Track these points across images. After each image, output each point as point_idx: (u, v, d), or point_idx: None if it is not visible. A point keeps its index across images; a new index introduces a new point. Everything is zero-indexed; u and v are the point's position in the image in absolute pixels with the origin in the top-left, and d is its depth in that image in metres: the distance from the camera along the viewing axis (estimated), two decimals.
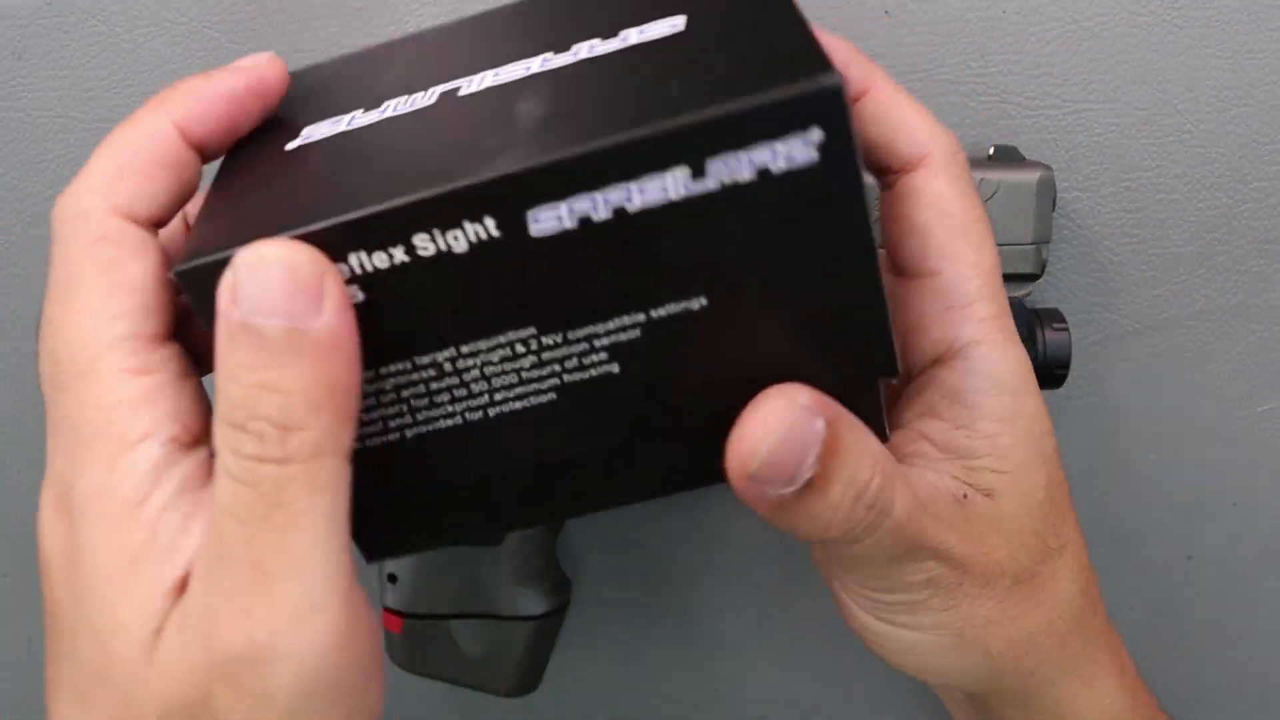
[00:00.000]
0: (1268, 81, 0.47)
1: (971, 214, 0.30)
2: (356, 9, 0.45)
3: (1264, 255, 0.49)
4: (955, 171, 0.30)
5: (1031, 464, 0.31)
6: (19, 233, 0.46)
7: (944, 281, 0.30)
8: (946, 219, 0.30)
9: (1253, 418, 0.51)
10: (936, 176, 0.30)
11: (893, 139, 0.31)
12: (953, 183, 0.30)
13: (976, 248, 0.30)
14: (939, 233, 0.30)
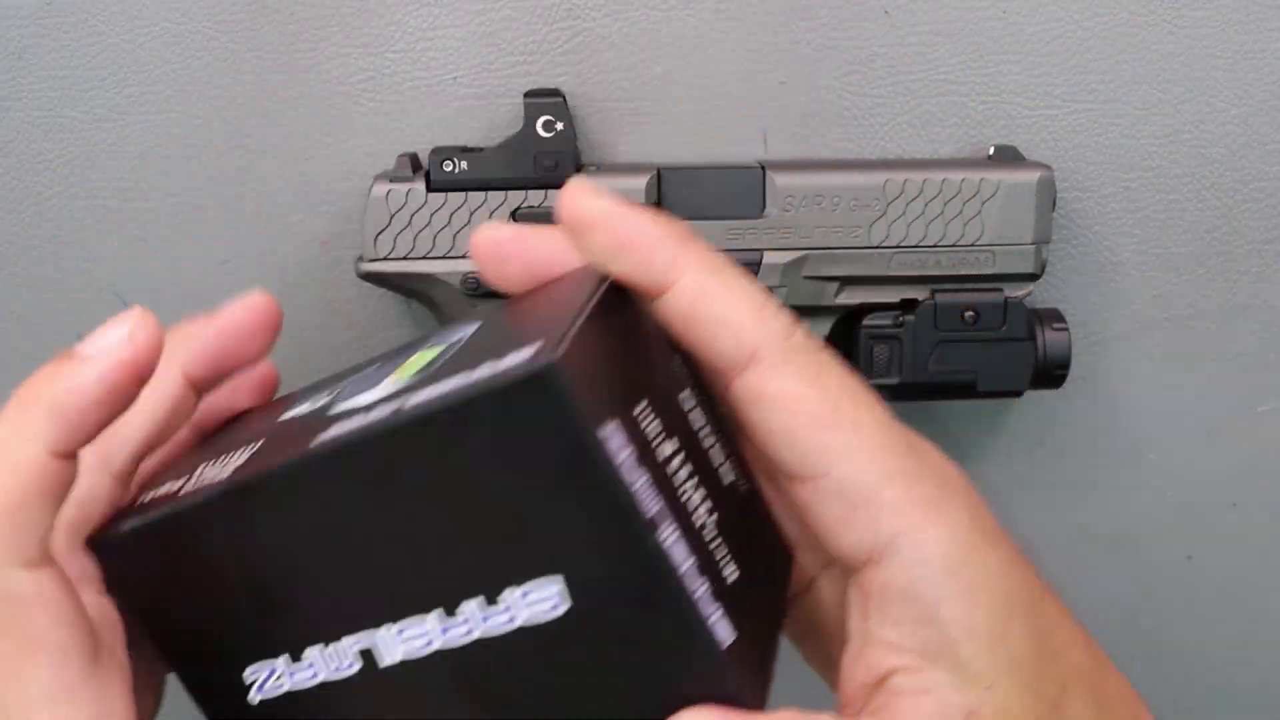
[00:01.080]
0: (1268, 81, 0.47)
1: (832, 397, 0.26)
2: (356, 10, 0.45)
3: (1264, 255, 0.49)
4: (796, 359, 0.26)
5: (1010, 632, 0.27)
6: (19, 233, 0.47)
7: (836, 481, 0.26)
8: (806, 418, 0.26)
9: (1253, 418, 0.51)
10: (775, 375, 0.26)
11: (711, 340, 0.26)
12: (797, 374, 0.26)
13: (853, 430, 0.26)
14: (805, 435, 0.26)
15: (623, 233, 0.27)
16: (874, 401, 0.27)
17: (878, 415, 0.27)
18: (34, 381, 0.28)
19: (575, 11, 0.45)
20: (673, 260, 0.27)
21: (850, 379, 0.27)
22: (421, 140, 0.46)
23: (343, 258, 0.47)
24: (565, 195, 0.27)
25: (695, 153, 0.46)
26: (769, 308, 0.27)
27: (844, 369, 0.27)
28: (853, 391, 0.27)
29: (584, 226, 0.27)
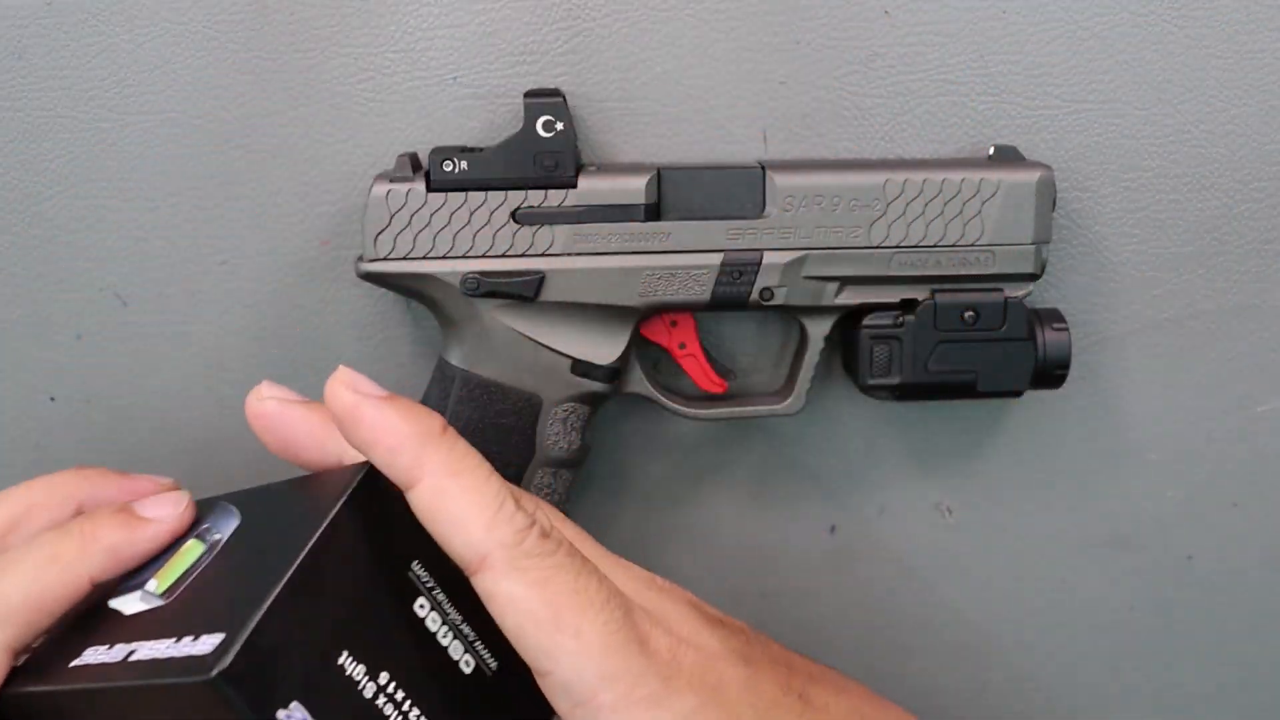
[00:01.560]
0: (1268, 81, 0.47)
1: (555, 604, 0.28)
2: (356, 10, 0.45)
3: (1263, 255, 0.49)
4: (523, 563, 0.28)
5: None
6: (19, 233, 0.47)
7: (560, 681, 0.28)
8: (531, 620, 0.28)
9: (1253, 418, 0.51)
10: (501, 578, 0.28)
11: (447, 540, 0.29)
12: (522, 579, 0.28)
13: (574, 635, 0.28)
14: (531, 634, 0.28)
15: (369, 429, 0.29)
16: (604, 603, 0.29)
17: (605, 618, 0.29)
18: (101, 524, 0.33)
19: (575, 11, 0.45)
20: (415, 460, 0.29)
21: (582, 581, 0.29)
22: (421, 140, 0.46)
23: (343, 258, 0.47)
24: (328, 387, 0.30)
25: (695, 153, 0.46)
26: (504, 512, 0.29)
27: (578, 571, 0.29)
28: (580, 597, 0.29)
29: (339, 418, 0.30)
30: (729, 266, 0.44)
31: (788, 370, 0.48)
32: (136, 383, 0.48)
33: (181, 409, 0.48)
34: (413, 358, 0.48)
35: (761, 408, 0.47)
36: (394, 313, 0.48)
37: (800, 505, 0.51)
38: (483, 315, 0.44)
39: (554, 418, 0.44)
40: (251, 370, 0.48)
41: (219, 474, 0.49)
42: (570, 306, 0.44)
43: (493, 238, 0.43)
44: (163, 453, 0.49)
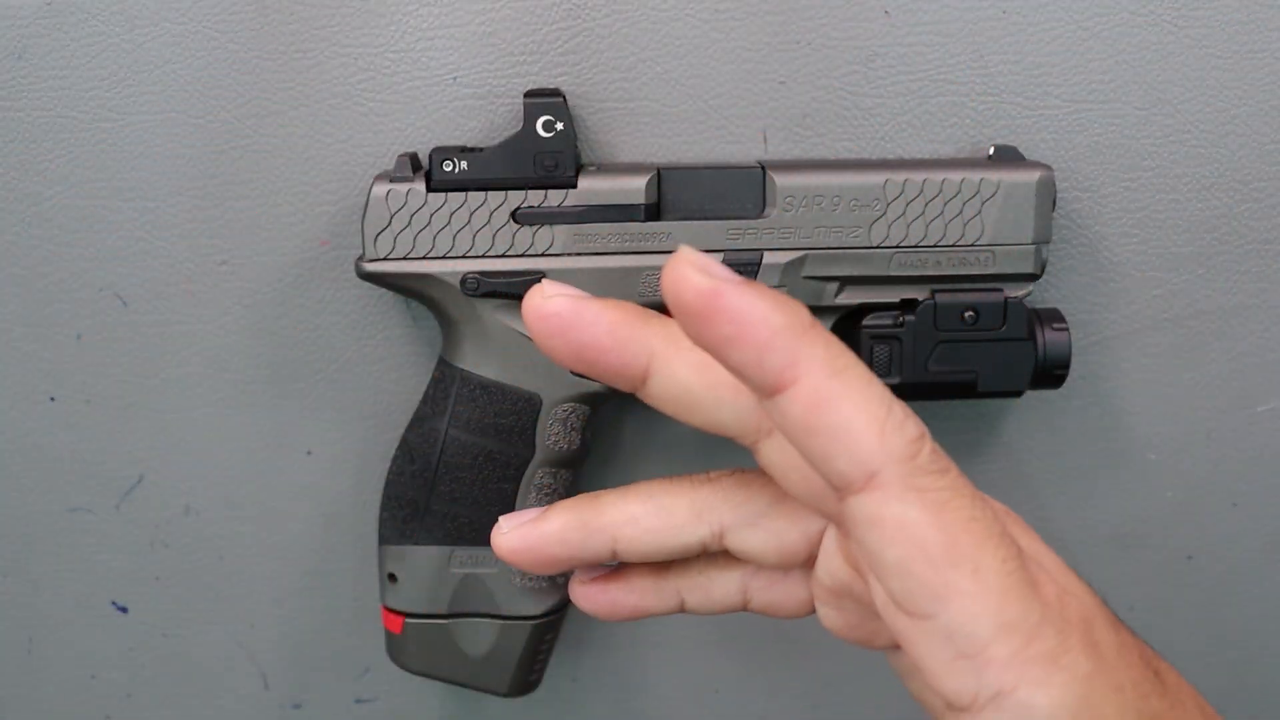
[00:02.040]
0: (1268, 81, 0.47)
1: (953, 530, 0.24)
2: (356, 10, 0.45)
3: (1264, 255, 0.49)
4: (920, 481, 0.24)
5: None
6: (19, 232, 0.47)
7: (944, 626, 0.24)
8: (922, 554, 0.24)
9: (1253, 418, 0.51)
10: (894, 502, 0.24)
11: (827, 456, 0.24)
12: (918, 503, 0.24)
13: (973, 573, 0.24)
14: (918, 570, 0.24)
15: (731, 321, 0.23)
16: (1000, 535, 0.25)
17: (1004, 554, 0.24)
18: None
19: (575, 11, 0.45)
20: (790, 359, 0.23)
21: (978, 507, 0.25)
22: (421, 140, 0.46)
23: (343, 258, 0.47)
24: (671, 271, 0.23)
25: (695, 153, 0.46)
26: (893, 419, 0.24)
27: (973, 494, 0.25)
28: (978, 525, 0.24)
29: (689, 312, 0.23)
30: (729, 266, 0.43)
31: None
32: (136, 383, 0.48)
33: (181, 409, 0.49)
34: (413, 358, 0.48)
35: None
36: (394, 313, 0.48)
37: None
38: (483, 315, 0.44)
39: (554, 418, 0.44)
40: (251, 370, 0.48)
41: (220, 474, 0.49)
42: None
43: (493, 238, 0.43)
44: (163, 453, 0.49)
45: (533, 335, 0.27)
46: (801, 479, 0.27)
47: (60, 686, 0.52)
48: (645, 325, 0.27)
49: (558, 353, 0.27)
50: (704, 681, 0.53)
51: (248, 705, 0.52)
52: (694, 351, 0.26)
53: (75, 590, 0.51)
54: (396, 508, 0.45)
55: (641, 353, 0.27)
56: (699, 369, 0.27)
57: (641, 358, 0.27)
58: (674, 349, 0.27)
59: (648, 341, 0.27)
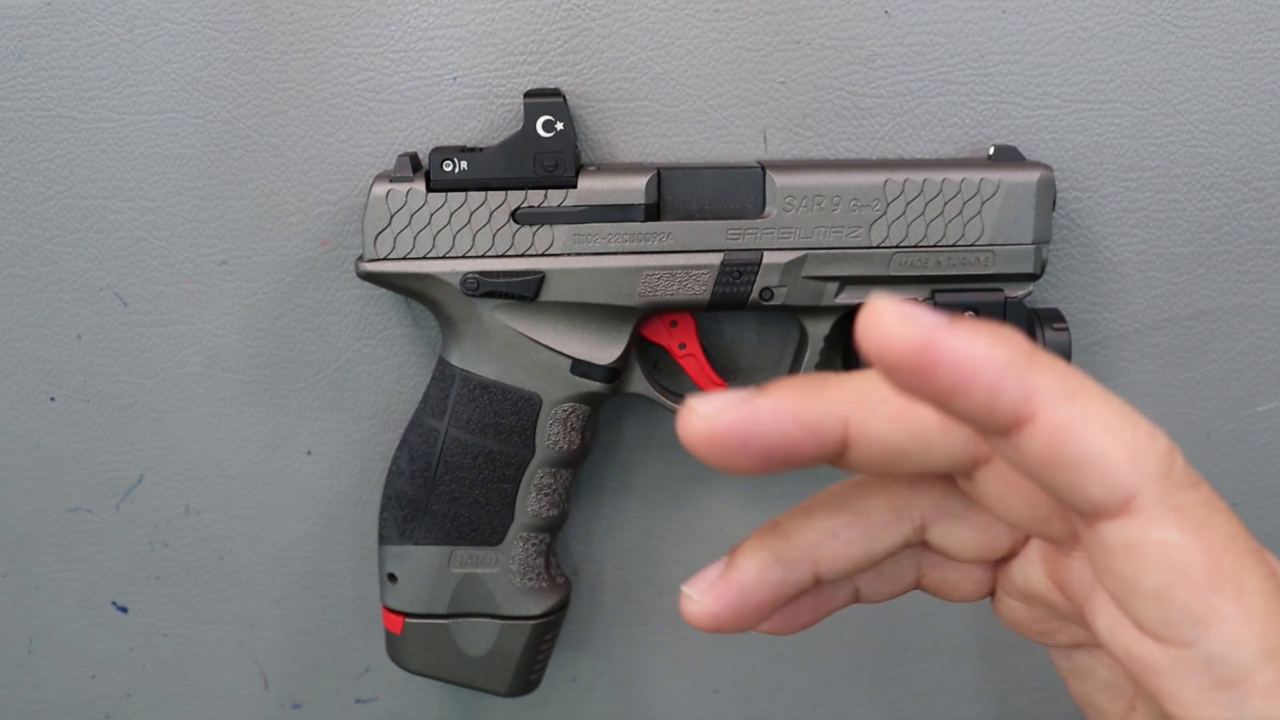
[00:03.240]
0: (1268, 81, 0.47)
1: (1216, 550, 0.22)
2: (356, 10, 0.45)
3: (1264, 255, 0.49)
4: (1179, 502, 0.22)
5: None
6: (19, 232, 0.47)
7: (1203, 654, 0.22)
8: (1185, 576, 0.22)
9: (1253, 418, 0.51)
10: (1154, 525, 0.22)
11: (1076, 485, 0.22)
12: (1178, 525, 0.22)
13: (1236, 596, 0.22)
14: (1179, 596, 0.22)
15: (953, 369, 0.21)
16: (1258, 552, 0.23)
17: (1263, 573, 0.23)
18: None
19: (575, 11, 0.45)
20: (1023, 394, 0.22)
21: (1234, 524, 0.23)
22: (421, 140, 0.46)
23: (343, 258, 0.47)
24: (871, 328, 0.21)
25: (695, 153, 0.46)
26: (1141, 435, 0.22)
27: (1227, 510, 0.23)
28: (1238, 543, 0.23)
29: (901, 369, 0.21)
30: (729, 266, 0.44)
31: (788, 370, 0.48)
32: (136, 383, 0.48)
33: (181, 409, 0.49)
34: (413, 358, 0.48)
35: None
36: (394, 313, 0.48)
37: None
38: (483, 315, 0.44)
39: (554, 418, 0.44)
40: (251, 370, 0.48)
41: (220, 474, 0.49)
42: (570, 306, 0.44)
43: (493, 238, 0.43)
44: (163, 453, 0.49)
45: (708, 461, 0.24)
46: (1026, 505, 0.25)
47: (60, 686, 0.52)
48: (827, 395, 0.24)
49: (743, 467, 0.24)
50: (704, 681, 0.53)
51: (248, 705, 0.52)
52: (888, 403, 0.24)
53: (75, 590, 0.51)
54: (396, 508, 0.45)
55: (835, 426, 0.24)
56: (898, 419, 0.25)
57: (836, 431, 0.24)
58: (867, 409, 0.24)
59: (837, 411, 0.24)
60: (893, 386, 0.22)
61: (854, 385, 0.25)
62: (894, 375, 0.21)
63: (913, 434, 0.24)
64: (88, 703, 0.52)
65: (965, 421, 0.22)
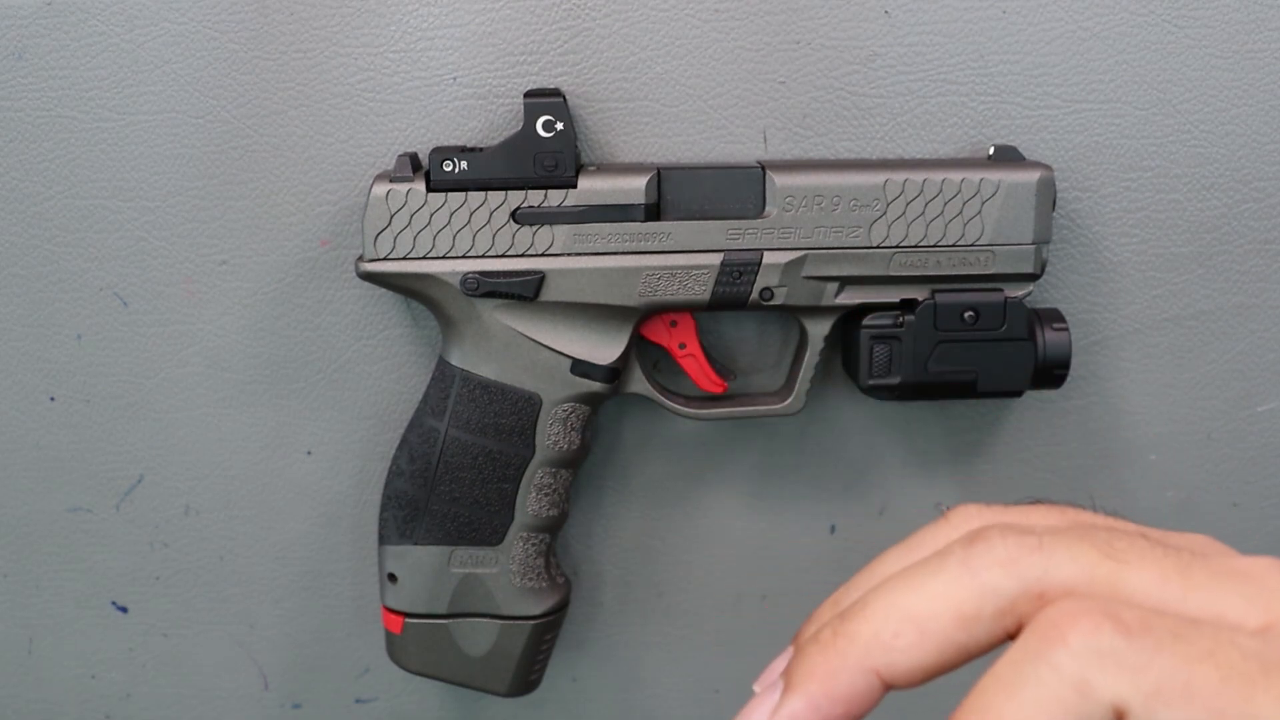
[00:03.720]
0: (1268, 82, 0.47)
1: (1219, 702, 0.21)
2: (356, 10, 0.45)
3: (1264, 255, 0.49)
4: (1150, 684, 0.21)
5: None
6: (19, 232, 0.47)
7: None
8: None
9: (1253, 418, 0.51)
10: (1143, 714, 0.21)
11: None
12: (1172, 704, 0.21)
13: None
14: None
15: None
16: (1262, 665, 0.21)
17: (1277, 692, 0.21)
18: None
19: (575, 11, 0.45)
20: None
21: (1223, 651, 0.21)
22: (421, 140, 0.46)
23: (343, 258, 0.47)
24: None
25: (695, 153, 0.46)
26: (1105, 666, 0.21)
27: (1202, 645, 0.22)
28: (1233, 679, 0.21)
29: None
30: (729, 266, 0.44)
31: (788, 370, 0.48)
32: (136, 383, 0.48)
33: (181, 409, 0.49)
34: (413, 358, 0.48)
35: (761, 408, 0.47)
36: (394, 313, 0.48)
37: (800, 505, 0.51)
38: (483, 315, 0.44)
39: (554, 418, 0.44)
40: (251, 370, 0.48)
41: (220, 474, 0.49)
42: (570, 306, 0.44)
43: (492, 238, 0.43)
44: (163, 453, 0.49)
45: None
46: None
47: (60, 686, 0.52)
48: (847, 660, 0.24)
49: None
50: (704, 681, 0.53)
51: (248, 705, 0.52)
52: (902, 635, 0.24)
53: (75, 590, 0.51)
54: (396, 508, 0.45)
55: (868, 682, 0.24)
56: (921, 645, 0.24)
57: (873, 684, 0.24)
58: (886, 652, 0.24)
59: (862, 669, 0.24)
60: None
61: (866, 632, 0.24)
62: None
63: (942, 647, 0.24)
64: (88, 703, 0.52)
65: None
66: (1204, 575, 0.23)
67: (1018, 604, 0.23)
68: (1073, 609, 0.22)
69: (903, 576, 0.25)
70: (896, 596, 0.24)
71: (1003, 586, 0.23)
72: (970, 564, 0.24)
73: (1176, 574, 0.23)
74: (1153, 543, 0.24)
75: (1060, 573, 0.23)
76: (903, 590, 0.24)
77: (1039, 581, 0.23)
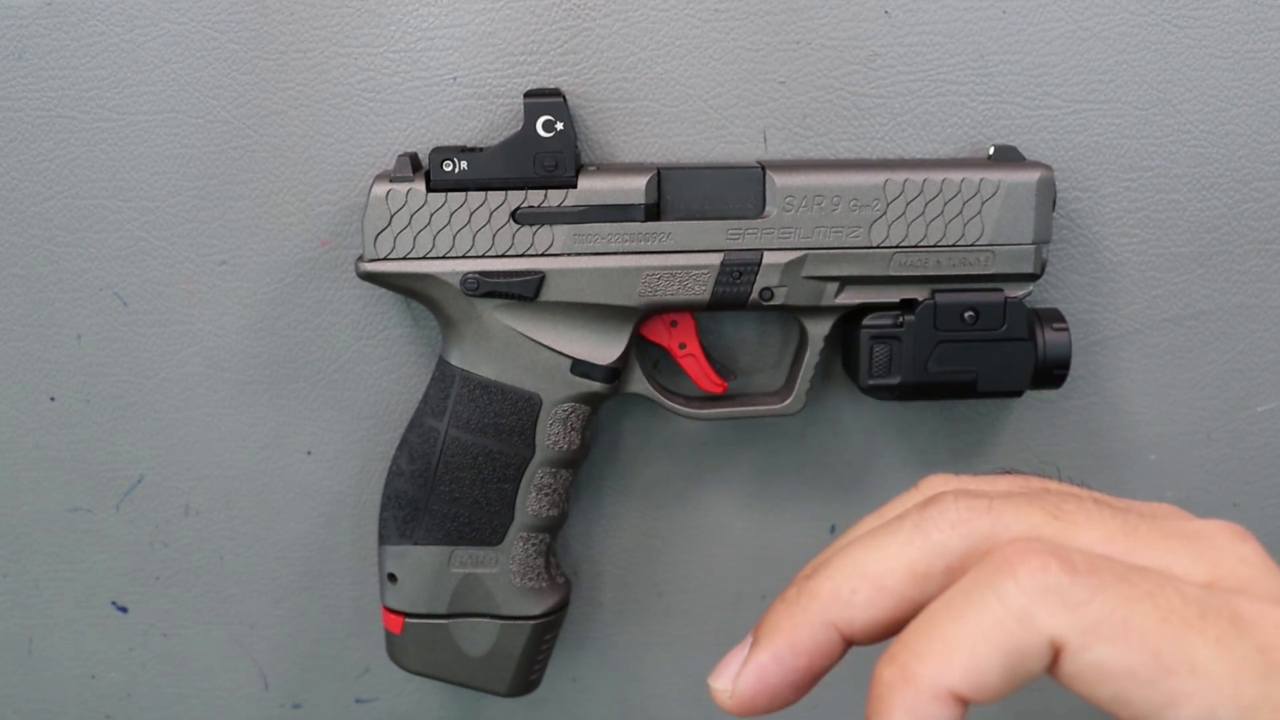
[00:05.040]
0: (1268, 81, 0.47)
1: (1154, 641, 0.22)
2: (356, 10, 0.45)
3: (1264, 255, 0.49)
4: (1087, 620, 0.22)
5: None
6: (19, 232, 0.46)
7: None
8: (1134, 678, 0.22)
9: (1253, 418, 0.51)
10: (1082, 652, 0.22)
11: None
12: (1102, 636, 0.22)
13: (1189, 674, 0.22)
14: (1141, 695, 0.22)
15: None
16: (1200, 607, 0.23)
17: (1212, 635, 0.22)
18: None
19: (575, 11, 0.45)
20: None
21: (1161, 593, 0.23)
22: (421, 140, 0.46)
23: (343, 258, 0.47)
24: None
25: (695, 153, 0.46)
26: (1026, 590, 0.22)
27: (1145, 582, 0.23)
28: (1171, 621, 0.22)
29: None
30: (729, 266, 0.43)
31: (788, 370, 0.48)
32: (136, 383, 0.48)
33: (181, 409, 0.48)
34: (413, 358, 0.48)
35: (761, 408, 0.47)
36: (394, 313, 0.48)
37: (800, 505, 0.51)
38: (483, 315, 0.44)
39: (554, 418, 0.44)
40: (251, 370, 0.48)
41: (219, 474, 0.49)
42: (570, 306, 0.44)
43: (492, 238, 0.43)
44: (163, 453, 0.49)
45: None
46: None
47: (60, 686, 0.52)
48: (808, 613, 0.26)
49: (790, 703, 0.27)
50: (704, 681, 0.53)
51: (247, 705, 0.52)
52: (859, 591, 0.25)
53: (75, 590, 0.51)
54: (396, 508, 0.45)
55: (829, 635, 0.26)
56: (876, 600, 0.25)
57: (833, 637, 0.26)
58: (845, 606, 0.25)
59: (822, 623, 0.26)
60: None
61: (826, 589, 0.26)
62: None
63: (896, 602, 0.25)
64: (87, 703, 0.52)
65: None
66: (1151, 535, 0.25)
67: (966, 561, 0.24)
68: (1024, 547, 0.23)
69: (864, 538, 0.26)
70: (856, 555, 0.25)
71: (952, 545, 0.24)
72: (923, 526, 0.25)
73: (1122, 534, 0.25)
74: (1102, 505, 0.25)
75: (1007, 533, 0.24)
76: (861, 550, 0.25)
77: (986, 540, 0.24)
